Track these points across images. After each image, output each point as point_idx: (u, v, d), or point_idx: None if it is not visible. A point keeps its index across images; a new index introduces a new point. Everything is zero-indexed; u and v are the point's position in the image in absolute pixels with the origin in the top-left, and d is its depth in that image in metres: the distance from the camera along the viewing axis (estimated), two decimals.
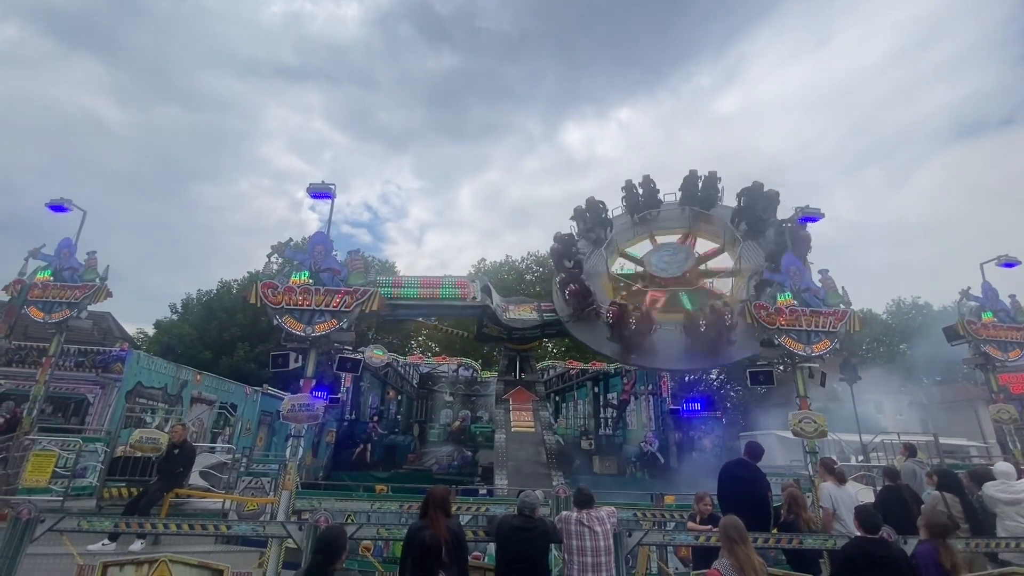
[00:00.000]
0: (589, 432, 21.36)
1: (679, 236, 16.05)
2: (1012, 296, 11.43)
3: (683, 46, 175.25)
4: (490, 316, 15.07)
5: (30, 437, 9.29)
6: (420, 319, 22.38)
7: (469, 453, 19.34)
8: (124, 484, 9.35)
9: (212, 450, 13.65)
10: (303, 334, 7.68)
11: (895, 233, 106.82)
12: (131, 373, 15.34)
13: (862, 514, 4.41)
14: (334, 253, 8.82)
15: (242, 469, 11.00)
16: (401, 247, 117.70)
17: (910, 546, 4.72)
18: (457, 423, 21.28)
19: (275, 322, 7.79)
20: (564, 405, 25.48)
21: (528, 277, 45.69)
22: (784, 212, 10.00)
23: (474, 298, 14.20)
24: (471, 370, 23.98)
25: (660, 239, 16.14)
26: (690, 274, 14.69)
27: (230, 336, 33.33)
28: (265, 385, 21.71)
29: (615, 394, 21.98)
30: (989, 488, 6.58)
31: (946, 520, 4.80)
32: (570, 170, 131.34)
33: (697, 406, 20.06)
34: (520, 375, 16.87)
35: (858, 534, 4.43)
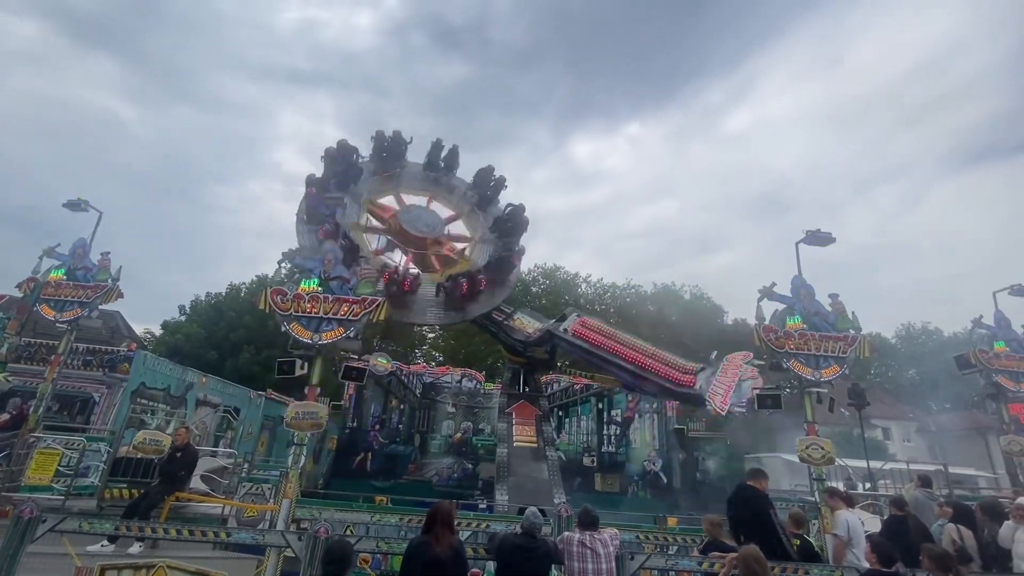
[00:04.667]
0: (592, 449, 21.17)
1: (422, 198, 17.12)
2: None
3: (694, 62, 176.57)
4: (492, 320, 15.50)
5: (35, 435, 9.34)
6: None
7: (470, 466, 19.19)
8: (125, 485, 9.37)
9: (214, 454, 13.64)
10: (310, 341, 7.71)
11: (907, 256, 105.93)
12: (136, 373, 15.43)
13: (879, 547, 4.33)
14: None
15: (243, 474, 10.99)
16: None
17: None
18: (459, 435, 21.13)
19: (283, 328, 7.83)
20: (567, 420, 25.29)
21: (535, 289, 45.72)
22: (796, 235, 10.06)
23: None
24: (475, 381, 23.91)
25: (405, 198, 16.96)
26: (440, 236, 16.17)
27: (236, 338, 33.52)
28: (269, 390, 21.75)
29: (619, 411, 21.82)
30: None
31: (947, 552, 4.70)
32: (578, 183, 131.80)
33: (701, 426, 19.90)
34: (524, 388, 16.77)
35: (868, 566, 4.34)
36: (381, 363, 19.73)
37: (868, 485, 16.56)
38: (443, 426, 22.23)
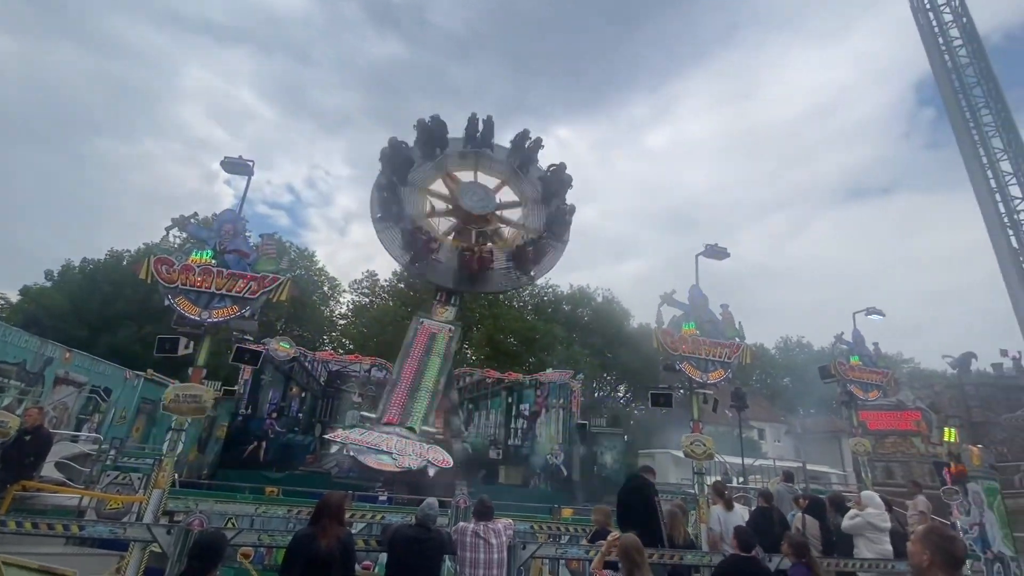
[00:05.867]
0: (498, 442, 21.41)
1: (469, 172, 18.14)
2: (875, 344, 12.99)
3: (623, 75, 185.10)
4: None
5: None
6: None
7: None
8: None
9: (74, 439, 12.11)
10: (197, 318, 7.02)
11: (789, 276, 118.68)
12: None
13: (740, 534, 4.79)
14: (247, 234, 8.19)
15: (108, 462, 9.86)
16: (322, 234, 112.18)
17: (774, 563, 5.18)
18: None
19: (166, 302, 7.07)
20: (477, 413, 25.40)
21: None
22: (696, 248, 10.89)
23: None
24: (385, 371, 23.20)
25: (456, 175, 18.10)
26: (495, 208, 17.75)
27: (113, 312, 29.94)
28: (149, 370, 19.67)
29: (528, 405, 22.25)
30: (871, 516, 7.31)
31: (804, 541, 5.31)
32: None
33: (603, 422, 20.89)
34: None
35: (733, 552, 4.78)
36: (283, 347, 18.54)
37: (741, 479, 18.30)
38: (347, 416, 21.38)
